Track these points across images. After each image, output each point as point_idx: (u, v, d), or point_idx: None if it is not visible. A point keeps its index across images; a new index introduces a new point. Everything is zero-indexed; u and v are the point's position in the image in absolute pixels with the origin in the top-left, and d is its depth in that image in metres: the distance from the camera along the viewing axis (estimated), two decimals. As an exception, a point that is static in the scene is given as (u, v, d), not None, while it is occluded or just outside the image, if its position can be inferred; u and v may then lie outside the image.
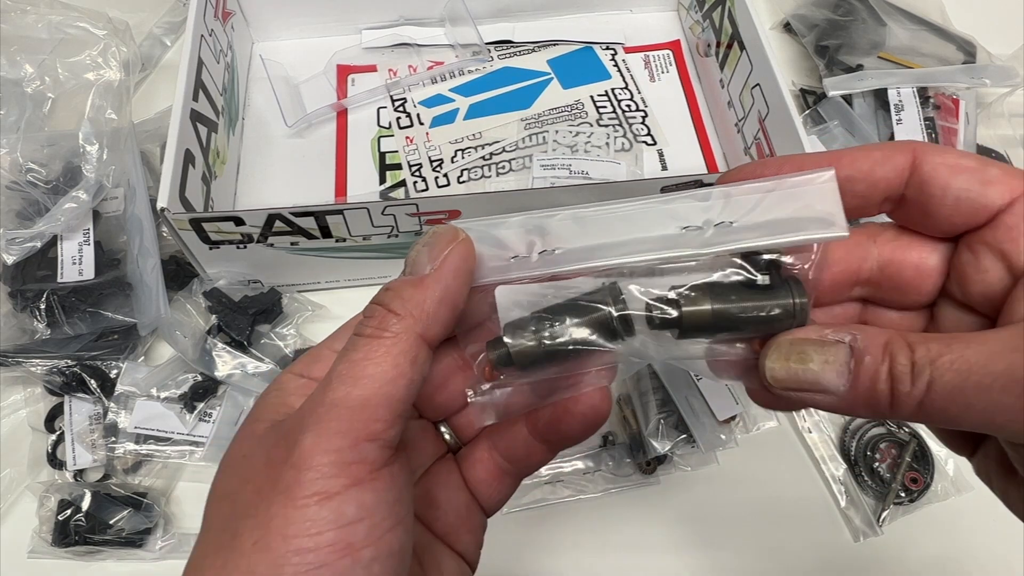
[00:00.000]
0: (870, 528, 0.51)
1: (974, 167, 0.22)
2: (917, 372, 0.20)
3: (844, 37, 0.69)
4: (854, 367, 0.21)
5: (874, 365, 0.21)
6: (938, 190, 0.23)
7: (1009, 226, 0.22)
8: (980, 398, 0.19)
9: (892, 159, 0.23)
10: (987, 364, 0.19)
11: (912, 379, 0.20)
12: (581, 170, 0.63)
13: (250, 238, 0.51)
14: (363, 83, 0.69)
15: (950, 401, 0.20)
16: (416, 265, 0.23)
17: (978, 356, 0.20)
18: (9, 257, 0.53)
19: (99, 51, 0.60)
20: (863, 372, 0.21)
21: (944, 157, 0.23)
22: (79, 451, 0.51)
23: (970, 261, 0.23)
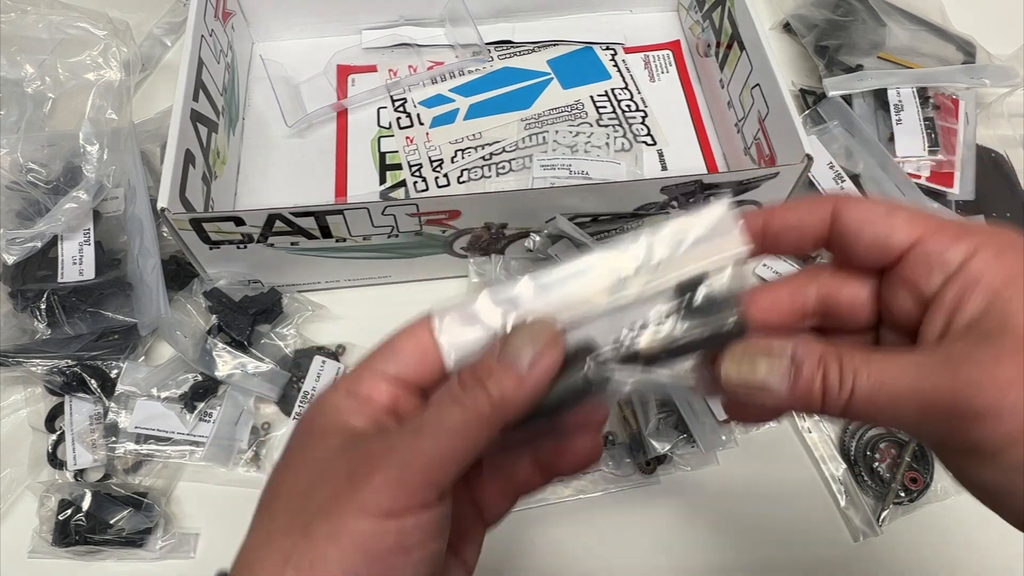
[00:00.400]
0: (870, 528, 0.51)
1: (881, 216, 0.27)
2: (843, 380, 0.24)
3: (844, 37, 0.69)
4: (794, 373, 0.25)
5: (810, 373, 0.25)
6: (853, 238, 0.27)
7: (912, 266, 0.26)
8: (888, 405, 0.24)
9: (815, 212, 0.28)
10: (893, 379, 0.24)
11: (840, 384, 0.25)
12: (581, 170, 0.63)
13: (250, 238, 0.51)
14: (363, 83, 0.69)
15: (867, 405, 0.24)
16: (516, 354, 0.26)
17: (887, 372, 0.24)
18: (9, 257, 0.53)
19: (99, 51, 0.60)
20: (801, 378, 0.25)
21: (857, 210, 0.27)
22: (79, 451, 0.51)
23: (890, 294, 0.27)
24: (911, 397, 0.24)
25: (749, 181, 0.53)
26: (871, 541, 0.51)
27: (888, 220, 0.27)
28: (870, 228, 0.27)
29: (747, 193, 0.54)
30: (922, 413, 0.23)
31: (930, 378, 0.23)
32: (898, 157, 0.62)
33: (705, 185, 0.52)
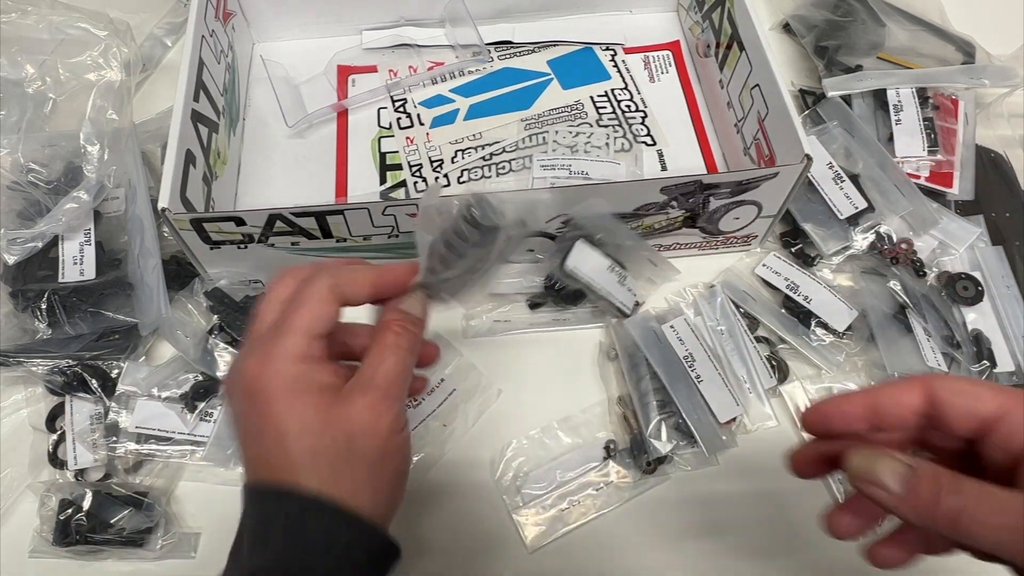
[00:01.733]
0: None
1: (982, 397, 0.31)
2: (958, 490, 0.27)
3: (843, 38, 0.69)
4: (912, 479, 0.28)
5: (929, 479, 0.28)
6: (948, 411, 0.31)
7: (1004, 434, 0.30)
8: (991, 524, 0.27)
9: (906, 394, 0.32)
10: (1002, 507, 0.27)
11: (952, 497, 0.27)
12: (581, 170, 0.63)
13: (251, 238, 0.51)
14: (363, 83, 0.69)
15: (975, 522, 0.27)
16: None
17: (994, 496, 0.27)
18: (10, 257, 0.53)
19: (100, 52, 0.60)
20: (921, 483, 0.28)
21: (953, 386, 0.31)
22: (80, 451, 0.51)
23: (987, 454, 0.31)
24: (1014, 530, 0.26)
25: (748, 181, 0.53)
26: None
27: (976, 395, 0.31)
28: (960, 399, 0.31)
29: (747, 193, 0.54)
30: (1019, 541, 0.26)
31: None
32: (897, 157, 0.62)
33: (705, 185, 0.52)
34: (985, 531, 0.27)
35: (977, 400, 0.31)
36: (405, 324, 0.37)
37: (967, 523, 0.27)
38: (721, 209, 0.55)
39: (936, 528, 0.28)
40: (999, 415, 0.30)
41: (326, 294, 0.35)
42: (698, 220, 0.57)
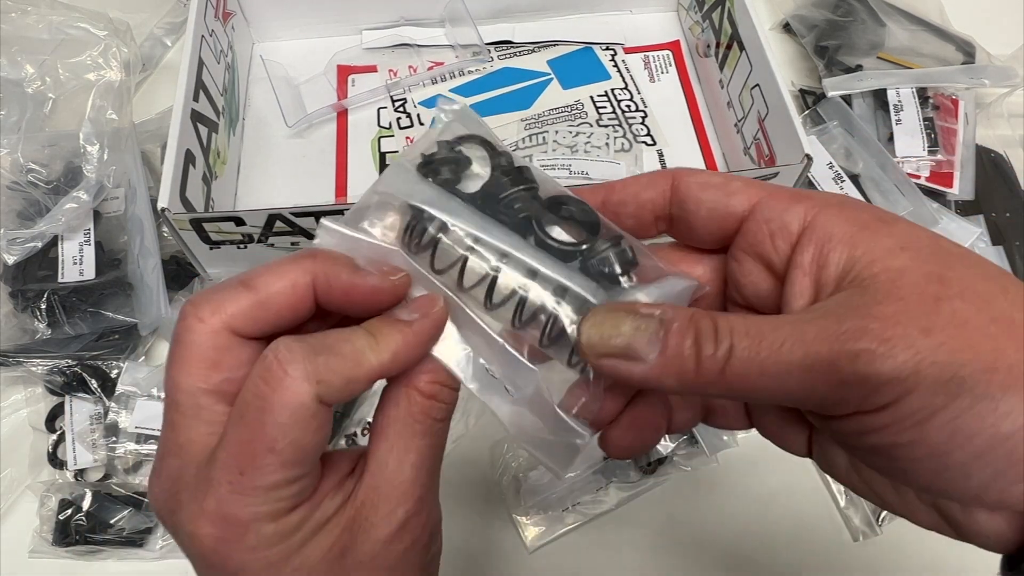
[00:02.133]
0: (870, 528, 0.51)
1: (719, 182, 0.26)
2: (720, 338, 0.23)
3: (843, 37, 0.69)
4: (663, 335, 0.23)
5: (681, 330, 0.23)
6: (692, 205, 0.26)
7: (753, 231, 0.26)
8: (770, 371, 0.22)
9: (655, 183, 0.27)
10: (774, 340, 0.22)
11: (715, 344, 0.22)
12: (581, 170, 0.63)
13: (251, 238, 0.51)
14: (363, 83, 0.69)
15: (746, 371, 0.22)
16: None
17: (766, 332, 0.22)
18: (10, 257, 0.53)
19: (100, 51, 0.60)
20: (671, 337, 0.23)
21: (695, 177, 0.27)
22: (80, 451, 0.51)
23: (736, 268, 0.27)
24: (795, 357, 0.22)
25: (749, 181, 0.53)
26: (871, 541, 0.51)
27: (725, 187, 0.26)
28: (707, 195, 0.26)
29: (747, 193, 0.54)
30: (808, 373, 0.21)
31: (812, 335, 0.22)
32: (898, 157, 0.62)
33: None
34: (765, 379, 0.22)
35: (726, 194, 0.26)
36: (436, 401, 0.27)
37: (741, 375, 0.22)
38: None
39: (709, 394, 0.25)
40: (750, 208, 0.26)
41: (309, 403, 0.23)
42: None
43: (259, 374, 0.23)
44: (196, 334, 0.24)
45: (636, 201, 0.27)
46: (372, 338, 0.25)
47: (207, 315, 0.24)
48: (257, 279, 0.25)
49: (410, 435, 0.26)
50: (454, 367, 0.27)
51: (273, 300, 0.24)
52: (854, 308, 0.22)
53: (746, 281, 0.26)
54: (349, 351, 0.25)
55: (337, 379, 0.24)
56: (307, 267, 0.25)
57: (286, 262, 0.25)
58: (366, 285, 0.26)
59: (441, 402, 0.27)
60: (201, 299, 0.24)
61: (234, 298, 0.24)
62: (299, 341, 0.24)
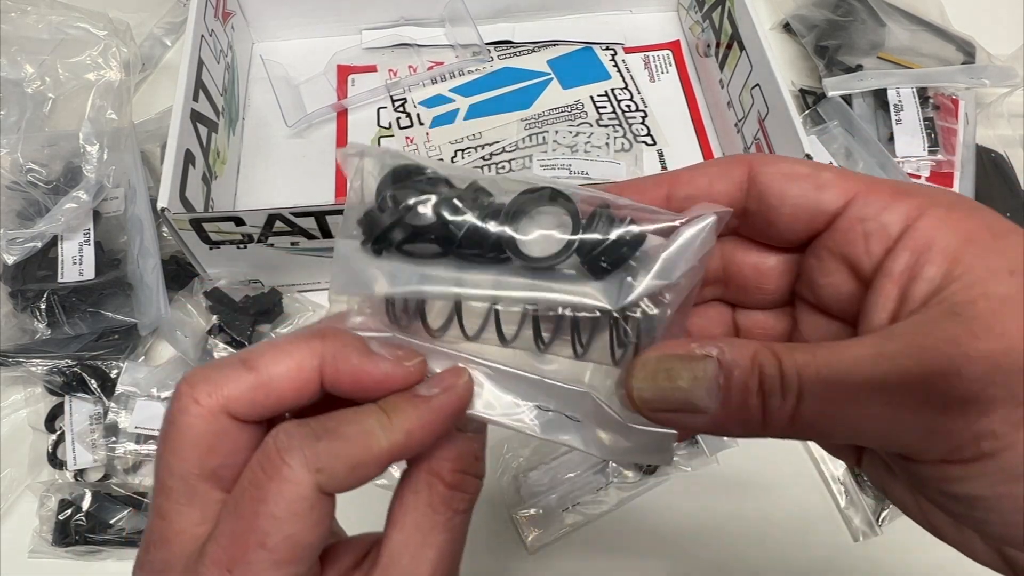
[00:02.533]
0: (870, 528, 0.51)
1: (807, 173, 0.23)
2: (786, 384, 0.20)
3: (844, 37, 0.69)
4: (723, 382, 0.20)
5: (743, 378, 0.20)
6: (775, 199, 0.23)
7: (845, 230, 0.22)
8: (846, 409, 0.19)
9: (729, 173, 0.24)
10: (850, 373, 0.19)
11: (782, 391, 0.20)
12: (581, 170, 0.63)
13: (250, 238, 0.51)
14: (363, 83, 0.69)
15: (819, 413, 0.20)
16: None
17: (841, 365, 0.20)
18: (10, 257, 0.53)
19: (99, 51, 0.60)
20: (733, 386, 0.20)
21: (778, 166, 0.23)
22: (79, 451, 0.51)
23: (816, 267, 0.23)
24: (874, 393, 0.19)
25: (749, 181, 0.53)
26: (871, 541, 0.51)
27: (815, 179, 0.23)
28: (794, 188, 0.23)
29: (747, 193, 0.54)
30: (890, 412, 0.19)
31: (896, 365, 0.19)
32: (898, 157, 0.62)
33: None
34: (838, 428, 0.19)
35: (815, 186, 0.22)
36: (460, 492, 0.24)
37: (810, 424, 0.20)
38: (721, 209, 0.55)
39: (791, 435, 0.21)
40: (844, 204, 0.22)
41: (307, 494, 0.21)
42: (698, 220, 0.57)
43: (257, 461, 0.22)
44: (191, 416, 0.22)
45: (708, 196, 0.24)
46: (384, 415, 0.23)
47: (203, 396, 0.22)
48: (259, 359, 0.23)
49: (429, 528, 0.23)
50: (505, 420, 0.24)
51: (275, 383, 0.22)
52: (949, 339, 0.19)
53: (825, 282, 0.23)
54: (356, 433, 0.22)
55: (341, 466, 0.22)
56: (315, 348, 0.23)
57: (292, 341, 0.23)
58: (378, 372, 0.23)
59: (465, 492, 0.24)
60: (198, 377, 0.22)
61: (233, 379, 0.22)
62: (300, 425, 0.22)
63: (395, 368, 0.23)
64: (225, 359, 0.23)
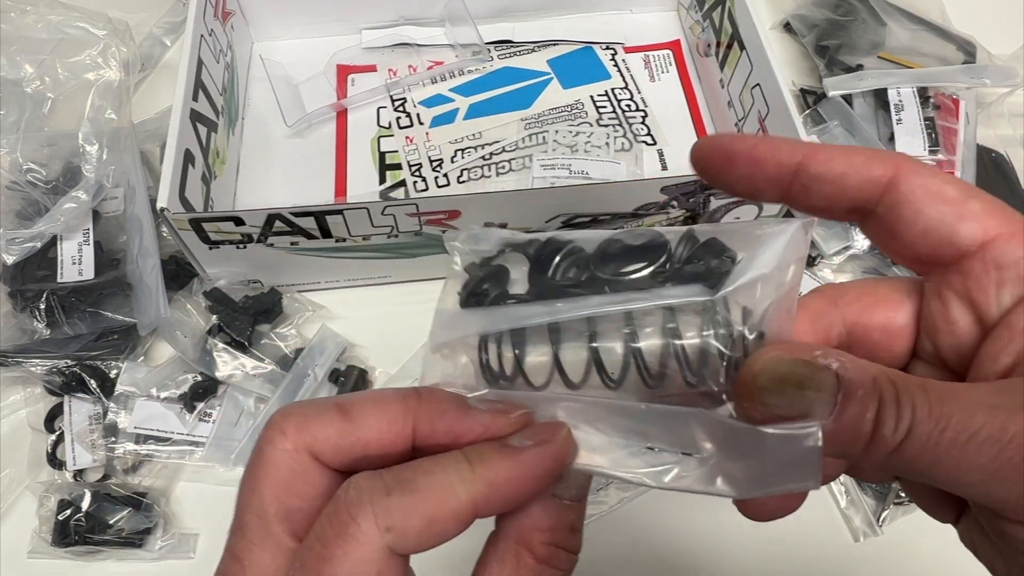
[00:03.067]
0: (870, 528, 0.51)
1: (954, 197, 0.21)
2: (901, 413, 0.19)
3: (844, 37, 0.69)
4: (842, 400, 0.19)
5: (864, 400, 0.19)
6: (910, 213, 0.21)
7: (977, 274, 0.21)
8: (951, 454, 0.18)
9: (870, 168, 0.22)
10: (963, 416, 0.18)
11: (896, 419, 0.19)
12: (581, 170, 0.63)
13: (250, 238, 0.51)
14: (363, 83, 0.69)
15: (922, 452, 0.19)
16: None
17: (956, 406, 0.19)
18: (9, 257, 0.53)
19: (99, 51, 0.60)
20: (851, 406, 0.19)
21: (927, 180, 0.21)
22: (79, 451, 0.51)
23: (939, 311, 0.22)
24: (984, 443, 0.18)
25: (749, 181, 0.52)
26: (871, 541, 0.51)
27: (960, 206, 0.21)
28: (934, 210, 0.21)
29: (747, 193, 0.54)
30: (996, 464, 0.18)
31: (1012, 420, 0.18)
32: (898, 157, 0.62)
33: (705, 185, 0.52)
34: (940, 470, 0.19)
35: (957, 215, 0.20)
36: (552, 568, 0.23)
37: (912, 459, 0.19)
38: (722, 209, 0.55)
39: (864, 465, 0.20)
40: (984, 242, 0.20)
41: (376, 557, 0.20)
42: (699, 220, 0.57)
43: (327, 515, 0.21)
44: (275, 449, 0.22)
45: (838, 183, 0.22)
46: (466, 464, 0.21)
47: (291, 431, 0.22)
48: (354, 407, 0.22)
49: None
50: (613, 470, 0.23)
51: (365, 435, 0.22)
52: None
53: (946, 329, 0.22)
54: (433, 486, 0.21)
55: (414, 523, 0.20)
56: (409, 406, 0.22)
57: (390, 396, 0.22)
58: (477, 425, 0.22)
59: (557, 568, 0.23)
60: (290, 412, 0.22)
61: (325, 421, 0.22)
62: (373, 477, 0.21)
63: (495, 419, 0.22)
64: (322, 400, 0.23)
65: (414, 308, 0.58)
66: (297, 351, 0.55)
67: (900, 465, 0.19)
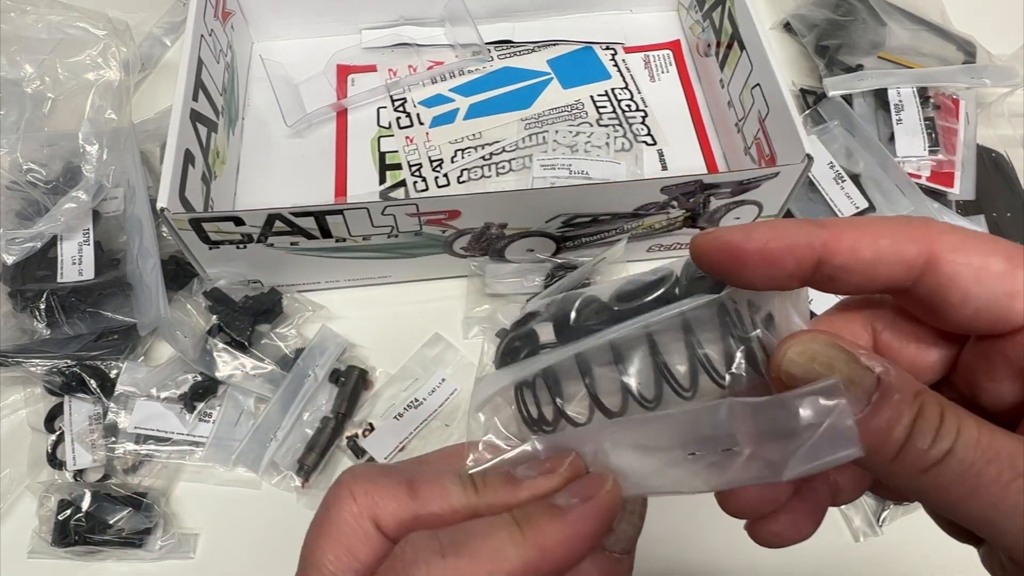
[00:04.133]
0: (870, 528, 0.51)
1: (1001, 273, 0.19)
2: (941, 435, 0.18)
3: (844, 37, 0.69)
4: (877, 400, 0.19)
5: (901, 406, 0.19)
6: (957, 297, 0.20)
7: None
8: (992, 490, 0.18)
9: (901, 251, 0.20)
10: (1016, 458, 0.18)
11: (934, 439, 0.18)
12: (581, 170, 0.63)
13: (250, 238, 0.51)
14: (363, 83, 0.69)
15: (959, 479, 0.18)
16: None
17: (1005, 446, 0.18)
18: (9, 257, 0.53)
19: (99, 51, 0.60)
20: (885, 408, 0.19)
21: (968, 257, 0.19)
22: (79, 451, 0.51)
23: (982, 368, 0.21)
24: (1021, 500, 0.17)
25: (749, 181, 0.52)
26: (871, 541, 0.51)
27: (1010, 282, 0.19)
28: (983, 290, 0.19)
29: (748, 193, 0.54)
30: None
31: None
32: (898, 157, 0.62)
33: (705, 185, 0.52)
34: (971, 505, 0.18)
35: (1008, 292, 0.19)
36: None
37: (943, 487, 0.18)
38: (722, 209, 0.55)
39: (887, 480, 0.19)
40: None
41: None
42: (699, 220, 0.57)
43: (384, 573, 0.22)
44: (342, 510, 0.23)
45: (868, 272, 0.20)
46: (517, 529, 0.21)
47: (360, 494, 0.23)
48: (422, 486, 0.23)
49: None
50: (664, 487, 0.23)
51: (427, 517, 0.23)
52: None
53: (990, 388, 0.21)
54: (486, 549, 0.21)
55: None
56: (470, 498, 0.23)
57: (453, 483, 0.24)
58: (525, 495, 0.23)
59: None
60: (362, 473, 0.23)
61: (392, 494, 0.23)
62: (429, 538, 0.21)
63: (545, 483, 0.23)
64: (393, 471, 0.24)
65: (414, 308, 0.58)
66: (297, 351, 0.55)
67: (931, 489, 0.18)
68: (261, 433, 0.52)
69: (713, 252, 0.21)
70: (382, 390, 0.54)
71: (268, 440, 0.51)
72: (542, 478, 0.23)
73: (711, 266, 0.22)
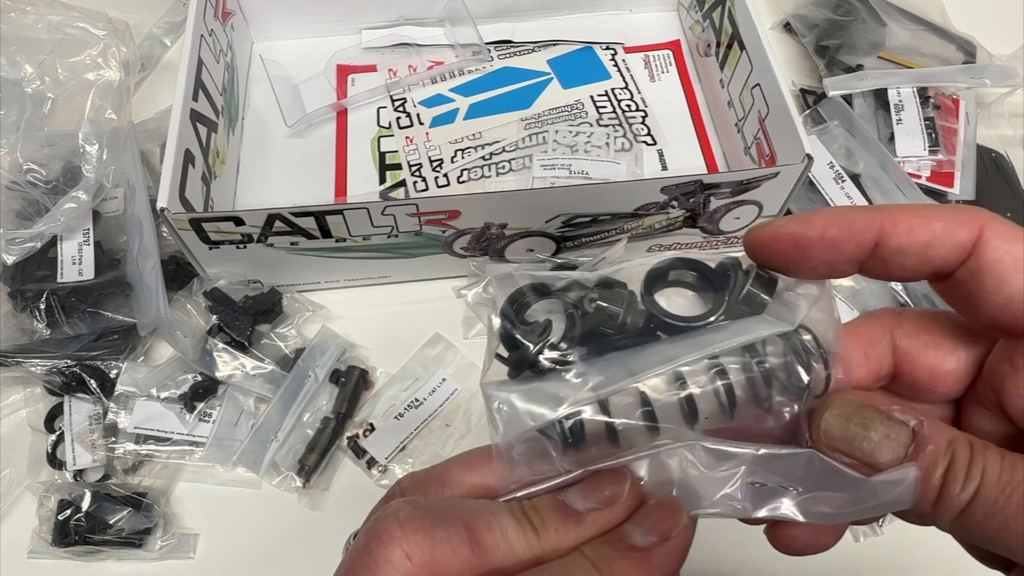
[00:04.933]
0: (870, 528, 0.51)
1: None
2: (970, 476, 0.19)
3: (844, 37, 0.69)
4: (913, 452, 0.20)
5: (935, 456, 0.19)
6: (992, 283, 0.20)
7: None
8: (1018, 520, 0.18)
9: (954, 234, 0.20)
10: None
11: (964, 482, 0.19)
12: (581, 170, 0.63)
13: (250, 238, 0.51)
14: (363, 83, 0.69)
15: (989, 516, 0.19)
16: None
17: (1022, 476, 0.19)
18: (9, 257, 0.53)
19: (99, 51, 0.60)
20: (921, 460, 0.19)
21: (1013, 246, 0.20)
22: (79, 451, 0.51)
23: (1009, 374, 0.21)
24: None
25: (749, 181, 0.52)
26: (871, 541, 0.51)
27: None
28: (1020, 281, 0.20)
29: (747, 193, 0.54)
30: None
31: None
32: (898, 157, 0.62)
33: (705, 185, 0.52)
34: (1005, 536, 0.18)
35: None
36: None
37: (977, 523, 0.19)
38: (722, 209, 0.55)
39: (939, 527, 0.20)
40: None
41: None
42: (699, 220, 0.57)
43: None
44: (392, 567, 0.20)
45: (922, 255, 0.21)
46: (596, 573, 0.21)
47: (415, 552, 0.20)
48: (486, 536, 0.21)
49: None
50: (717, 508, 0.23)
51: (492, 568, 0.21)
52: None
53: (1015, 393, 0.21)
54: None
55: None
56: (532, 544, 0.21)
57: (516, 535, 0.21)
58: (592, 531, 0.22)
59: None
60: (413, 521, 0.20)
61: (452, 549, 0.20)
62: None
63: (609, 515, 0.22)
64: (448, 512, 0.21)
65: (414, 308, 0.58)
66: (297, 351, 0.55)
67: (970, 528, 0.19)
68: (262, 433, 0.52)
69: (773, 243, 0.21)
70: (382, 390, 0.54)
71: (269, 440, 0.51)
72: (606, 510, 0.21)
73: (771, 257, 0.22)
